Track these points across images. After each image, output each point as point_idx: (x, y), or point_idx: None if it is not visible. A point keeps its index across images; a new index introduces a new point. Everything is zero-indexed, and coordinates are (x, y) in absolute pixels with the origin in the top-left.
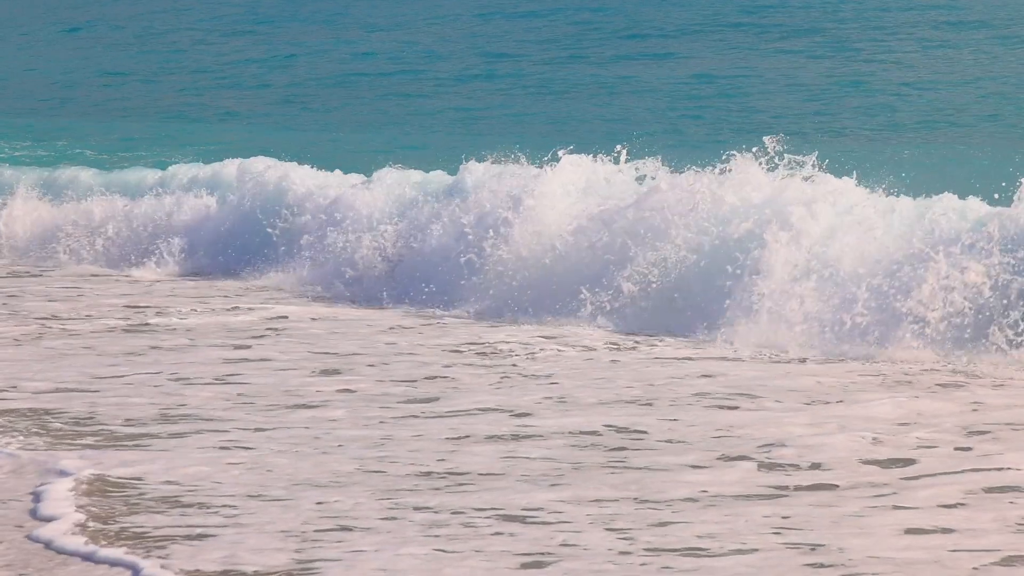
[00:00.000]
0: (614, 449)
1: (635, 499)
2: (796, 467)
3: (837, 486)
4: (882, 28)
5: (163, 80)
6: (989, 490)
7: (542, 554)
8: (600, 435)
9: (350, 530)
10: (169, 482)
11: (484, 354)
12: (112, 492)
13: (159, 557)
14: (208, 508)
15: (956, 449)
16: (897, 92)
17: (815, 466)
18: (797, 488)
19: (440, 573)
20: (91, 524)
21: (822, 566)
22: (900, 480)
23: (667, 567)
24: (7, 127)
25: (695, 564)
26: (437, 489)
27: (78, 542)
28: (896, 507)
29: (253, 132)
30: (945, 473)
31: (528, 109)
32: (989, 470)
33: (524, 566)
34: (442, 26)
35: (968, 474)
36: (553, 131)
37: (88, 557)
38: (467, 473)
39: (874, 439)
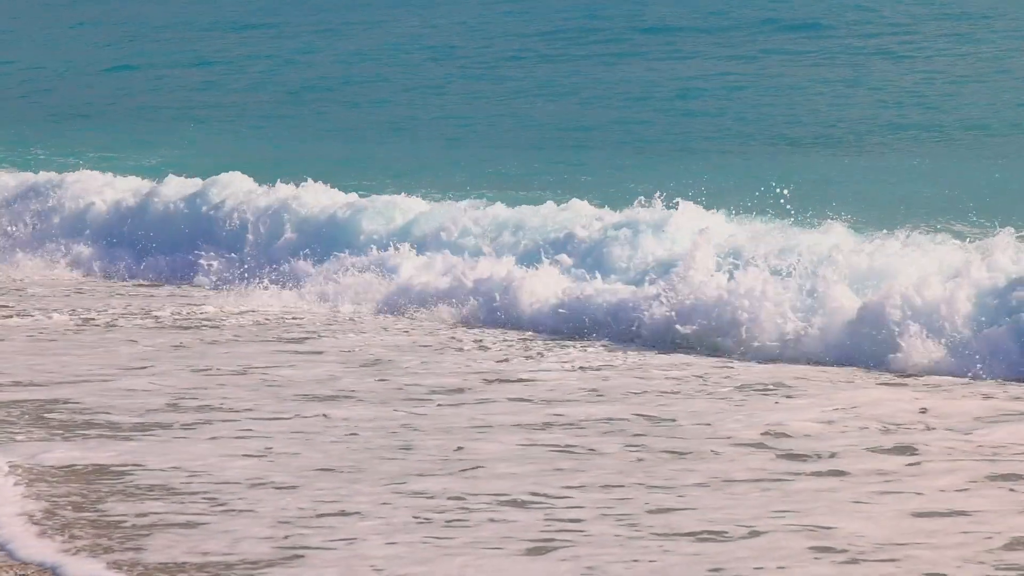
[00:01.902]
0: (636, 435)
1: (644, 485)
2: (806, 455)
3: (846, 472)
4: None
5: (158, 81)
6: (993, 477)
7: (545, 540)
8: (628, 421)
9: (349, 515)
10: (175, 469)
11: (525, 351)
12: (100, 480)
13: (131, 549)
14: (206, 496)
15: (961, 437)
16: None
17: (824, 454)
18: (805, 474)
19: (430, 561)
20: (62, 514)
21: (832, 550)
22: (906, 467)
23: (668, 551)
24: None
25: (699, 548)
26: (449, 475)
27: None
28: (902, 493)
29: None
30: (950, 460)
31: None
32: (994, 460)
33: (529, 552)
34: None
35: (974, 463)
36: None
37: (10, 554)
38: (483, 460)
39: (882, 429)
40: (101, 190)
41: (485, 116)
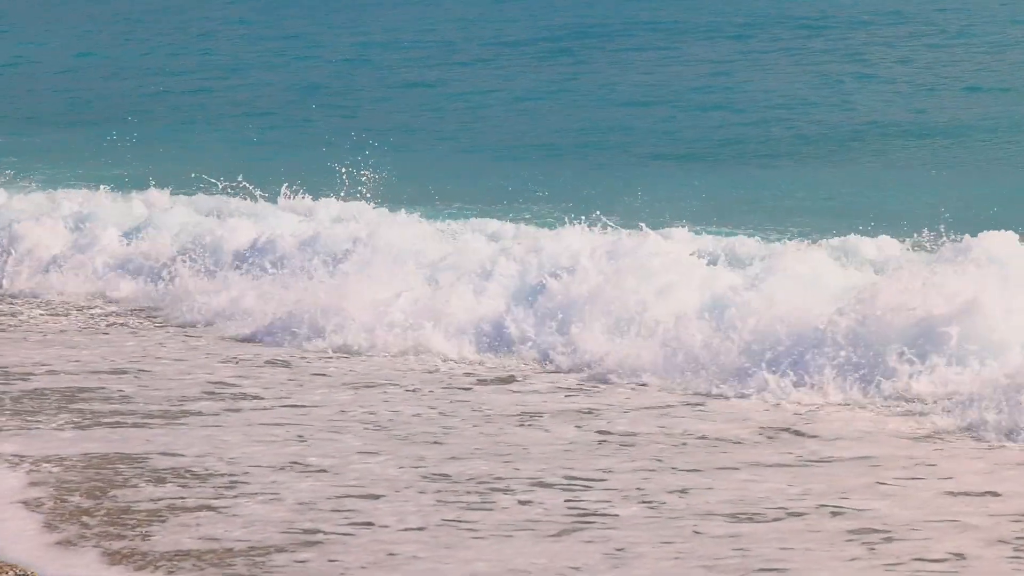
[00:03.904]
0: (676, 419)
1: (673, 468)
2: (836, 439)
3: (874, 457)
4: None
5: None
6: (1020, 464)
7: (573, 522)
8: (672, 406)
9: (375, 499)
10: (205, 455)
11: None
12: (117, 466)
13: (139, 537)
14: (230, 479)
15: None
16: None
17: (852, 439)
18: (835, 459)
19: (446, 545)
20: (74, 501)
21: (868, 531)
22: (933, 452)
23: (699, 532)
24: None
25: (728, 529)
26: (482, 460)
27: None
28: (931, 477)
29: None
30: (975, 448)
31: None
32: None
33: (564, 532)
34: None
35: (997, 450)
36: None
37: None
38: (518, 445)
39: (910, 414)
40: None
41: (484, 121)
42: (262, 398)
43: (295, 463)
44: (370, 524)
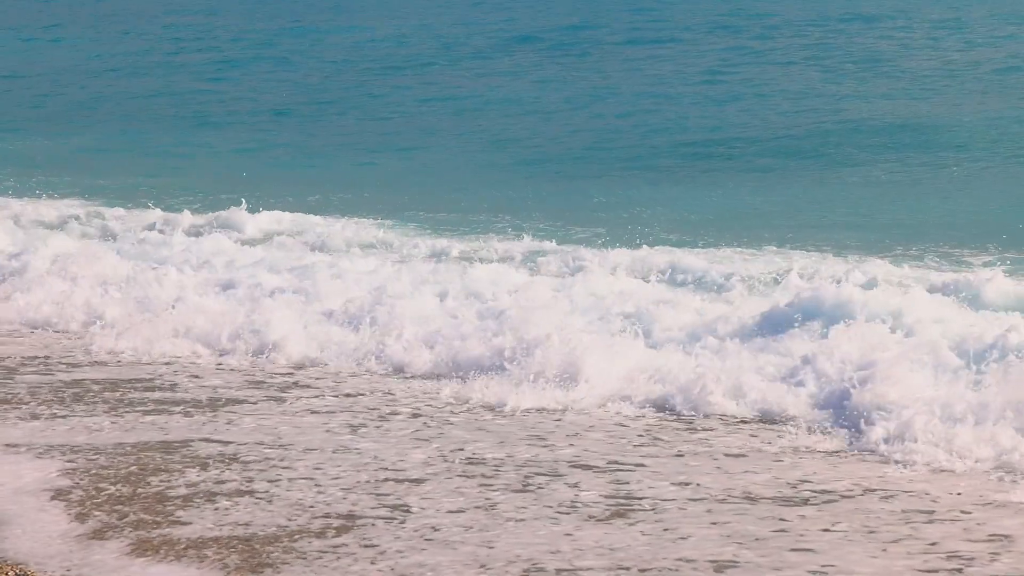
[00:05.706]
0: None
1: (708, 455)
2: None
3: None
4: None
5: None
6: None
7: (611, 506)
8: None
9: (417, 483)
10: (259, 443)
11: None
12: (161, 454)
13: (171, 524)
14: (273, 463)
15: None
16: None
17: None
18: (873, 446)
19: (487, 529)
20: (107, 487)
21: (910, 511)
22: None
23: (743, 513)
24: None
25: (773, 511)
26: (525, 446)
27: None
28: (976, 460)
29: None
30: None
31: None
32: None
33: (609, 516)
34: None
35: None
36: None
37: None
38: (556, 433)
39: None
40: None
41: (482, 123)
42: (309, 387)
43: (338, 449)
44: (408, 508)
